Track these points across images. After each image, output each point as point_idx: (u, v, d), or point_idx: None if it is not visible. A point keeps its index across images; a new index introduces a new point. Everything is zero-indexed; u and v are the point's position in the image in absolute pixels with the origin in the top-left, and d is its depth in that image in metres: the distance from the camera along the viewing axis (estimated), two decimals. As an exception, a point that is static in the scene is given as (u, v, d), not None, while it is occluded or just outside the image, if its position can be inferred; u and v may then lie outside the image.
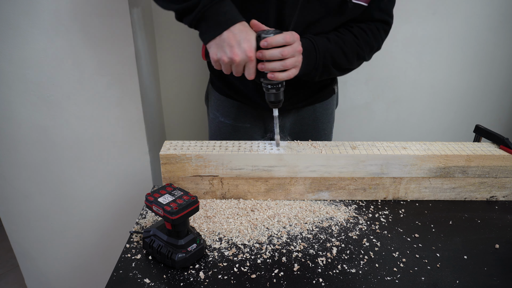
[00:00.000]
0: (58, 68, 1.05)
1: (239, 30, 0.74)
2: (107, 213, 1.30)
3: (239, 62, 0.74)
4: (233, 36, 0.73)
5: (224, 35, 0.73)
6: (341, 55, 0.89)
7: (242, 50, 0.73)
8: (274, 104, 0.83)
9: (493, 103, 1.61)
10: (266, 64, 0.76)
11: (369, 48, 0.93)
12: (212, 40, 0.75)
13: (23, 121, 1.11)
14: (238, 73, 0.78)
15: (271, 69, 0.77)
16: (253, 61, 0.76)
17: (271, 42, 0.75)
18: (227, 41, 0.73)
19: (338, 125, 1.60)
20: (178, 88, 1.46)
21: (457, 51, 1.49)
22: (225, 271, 0.68)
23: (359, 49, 0.90)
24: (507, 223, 0.84)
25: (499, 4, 1.41)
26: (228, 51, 0.74)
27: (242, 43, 0.73)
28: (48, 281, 1.43)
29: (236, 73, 0.78)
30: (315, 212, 0.86)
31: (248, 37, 0.74)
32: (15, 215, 1.27)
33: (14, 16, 0.98)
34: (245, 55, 0.74)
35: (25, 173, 1.20)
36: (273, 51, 0.75)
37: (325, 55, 0.86)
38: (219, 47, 0.75)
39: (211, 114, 1.10)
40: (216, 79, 1.05)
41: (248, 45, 0.74)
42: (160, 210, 0.67)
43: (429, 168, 0.88)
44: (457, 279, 0.68)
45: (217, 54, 0.75)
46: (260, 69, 0.77)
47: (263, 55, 0.75)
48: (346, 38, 0.89)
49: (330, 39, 0.88)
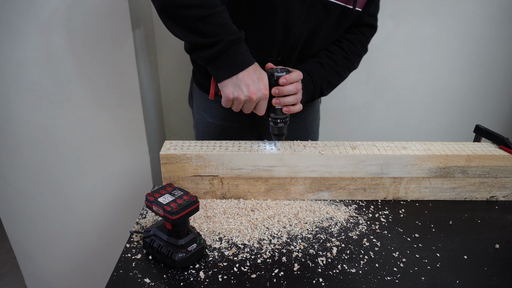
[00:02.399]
0: (58, 68, 1.05)
1: (253, 70, 0.78)
2: (107, 213, 1.30)
3: (256, 99, 0.78)
4: (249, 75, 0.77)
5: (240, 75, 0.76)
6: (335, 76, 0.94)
7: (259, 88, 0.77)
8: (278, 137, 0.87)
9: (493, 103, 1.61)
10: (282, 99, 0.81)
11: (358, 58, 0.98)
12: (228, 79, 0.77)
13: (23, 121, 1.11)
14: (249, 110, 0.81)
15: (287, 103, 0.82)
16: (267, 98, 0.80)
17: (289, 79, 0.80)
18: (244, 80, 0.76)
19: (338, 125, 1.61)
20: (178, 88, 1.46)
21: (457, 51, 1.49)
22: (225, 271, 0.68)
23: (349, 63, 0.96)
24: (507, 223, 0.84)
25: (499, 4, 1.41)
26: (245, 89, 0.76)
27: (258, 82, 0.77)
28: (48, 281, 1.43)
29: (247, 110, 0.82)
30: (315, 212, 0.86)
31: (263, 76, 0.79)
32: (15, 215, 1.27)
33: (14, 16, 0.98)
34: (262, 93, 0.78)
35: (25, 173, 1.20)
36: (289, 87, 0.81)
37: (321, 83, 0.92)
38: (236, 86, 0.77)
39: (198, 115, 1.10)
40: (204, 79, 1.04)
41: (264, 84, 0.78)
42: (160, 210, 0.67)
43: (429, 168, 0.88)
44: (457, 279, 0.68)
45: (234, 93, 0.77)
46: (275, 104, 0.82)
47: (280, 91, 0.80)
48: (337, 58, 0.94)
49: (324, 64, 0.92)
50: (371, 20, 0.97)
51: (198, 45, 0.76)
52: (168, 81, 1.45)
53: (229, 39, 0.75)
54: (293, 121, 1.08)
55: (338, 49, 0.94)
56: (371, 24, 0.97)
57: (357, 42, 0.96)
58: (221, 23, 0.75)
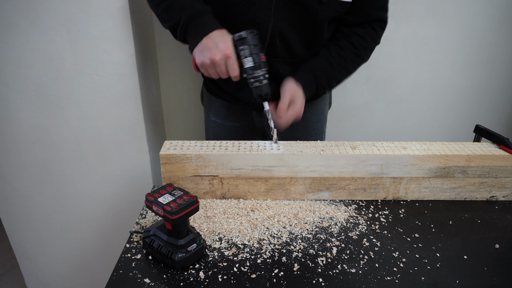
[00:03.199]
0: (58, 68, 1.05)
1: (216, 35, 0.81)
2: (107, 213, 1.30)
3: (219, 60, 0.80)
4: (211, 40, 0.80)
5: (203, 41, 0.80)
6: (344, 73, 0.97)
7: (219, 49, 0.79)
8: (262, 98, 0.86)
9: (493, 103, 1.61)
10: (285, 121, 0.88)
11: (369, 51, 0.98)
12: (195, 48, 0.82)
13: (23, 121, 1.11)
14: (223, 74, 0.83)
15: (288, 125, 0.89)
16: (231, 58, 0.80)
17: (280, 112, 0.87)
18: (206, 45, 0.80)
19: (338, 125, 1.60)
20: (178, 88, 1.46)
21: (457, 51, 1.49)
22: (225, 271, 0.68)
23: (360, 59, 0.97)
24: (507, 223, 0.84)
25: (499, 4, 1.41)
26: (207, 53, 0.80)
27: (219, 44, 0.80)
28: (48, 281, 1.43)
29: (222, 74, 0.83)
30: (315, 212, 0.86)
31: (224, 38, 0.81)
32: (15, 215, 1.27)
33: (14, 16, 0.98)
34: (223, 53, 0.79)
35: (25, 173, 1.20)
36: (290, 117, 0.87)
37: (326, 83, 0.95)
38: (200, 52, 0.81)
39: (205, 113, 1.15)
40: (206, 79, 1.09)
41: (224, 45, 0.80)
42: (160, 210, 0.67)
43: (429, 168, 0.88)
44: (457, 279, 0.68)
45: (200, 58, 0.81)
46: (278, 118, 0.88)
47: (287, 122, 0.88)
48: (347, 55, 0.95)
49: (333, 63, 0.94)
50: (380, 13, 0.95)
51: (171, 30, 0.87)
52: (168, 81, 1.44)
53: (187, 15, 0.82)
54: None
55: (348, 45, 0.95)
56: (380, 18, 0.96)
57: (367, 36, 0.95)
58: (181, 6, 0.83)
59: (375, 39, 0.97)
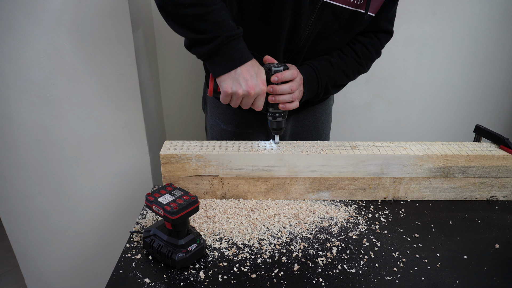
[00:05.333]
0: (58, 68, 1.05)
1: (251, 66, 0.78)
2: (107, 213, 1.30)
3: (254, 95, 0.78)
4: (247, 70, 0.77)
5: (239, 70, 0.77)
6: (343, 77, 0.95)
7: (257, 83, 0.78)
8: (277, 131, 0.88)
9: (493, 103, 1.61)
10: (277, 97, 0.82)
11: (370, 62, 0.99)
12: (225, 74, 0.77)
13: (23, 121, 1.11)
14: (247, 106, 0.81)
15: (282, 101, 0.82)
16: (265, 94, 0.80)
17: (281, 78, 0.81)
18: (242, 75, 0.77)
19: (338, 125, 1.60)
20: (178, 88, 1.46)
21: (457, 51, 1.49)
22: (225, 271, 0.68)
23: (360, 67, 0.96)
24: (507, 223, 0.84)
25: (499, 4, 1.41)
26: (244, 84, 0.77)
27: (256, 77, 0.78)
28: (48, 281, 1.43)
29: (245, 106, 0.81)
30: (315, 212, 0.86)
31: (260, 72, 0.79)
32: (15, 215, 1.27)
33: (15, 16, 0.98)
34: (260, 88, 0.78)
35: (25, 173, 1.20)
36: (284, 87, 0.81)
37: (327, 82, 0.92)
38: (235, 80, 0.77)
39: (212, 121, 1.10)
40: None
41: (261, 79, 0.79)
42: (160, 210, 0.67)
43: (429, 168, 0.88)
44: (457, 279, 0.68)
45: (232, 87, 0.77)
46: (271, 101, 0.82)
47: (274, 89, 0.81)
48: (348, 60, 0.94)
49: (333, 63, 0.93)
50: (387, 25, 0.96)
51: (196, 41, 0.78)
52: (168, 81, 1.45)
53: (226, 35, 0.75)
54: (305, 123, 1.09)
55: (351, 51, 0.95)
56: (387, 30, 0.97)
57: (371, 47, 0.96)
58: (219, 21, 0.75)
59: (378, 50, 0.98)
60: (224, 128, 1.07)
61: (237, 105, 0.82)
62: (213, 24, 0.75)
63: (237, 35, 0.77)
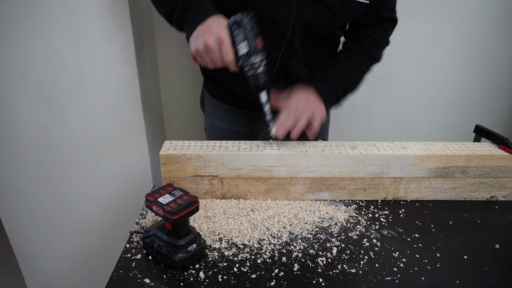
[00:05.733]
0: (58, 68, 1.05)
1: (211, 21, 0.77)
2: (107, 213, 1.30)
3: (212, 45, 0.75)
4: (205, 26, 0.77)
5: (198, 28, 0.77)
6: (356, 74, 0.96)
7: (212, 33, 0.75)
8: (257, 88, 0.80)
9: (493, 103, 1.61)
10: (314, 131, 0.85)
11: (380, 51, 0.99)
12: (190, 37, 0.78)
13: (23, 121, 1.11)
14: (217, 61, 0.77)
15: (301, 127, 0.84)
16: (225, 42, 0.75)
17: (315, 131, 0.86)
18: (200, 32, 0.76)
19: (338, 125, 1.60)
20: (178, 88, 1.46)
21: (457, 51, 1.49)
22: (225, 271, 0.68)
23: (371, 59, 0.97)
24: (507, 223, 0.84)
25: (499, 4, 1.41)
26: (201, 38, 0.76)
27: (212, 28, 0.76)
28: (48, 281, 1.43)
29: (216, 61, 0.77)
30: (315, 212, 0.86)
31: (218, 23, 0.77)
32: (15, 215, 1.27)
33: (14, 16, 0.98)
34: (215, 36, 0.75)
35: (25, 173, 1.20)
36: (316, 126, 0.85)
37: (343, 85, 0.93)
38: (195, 39, 0.77)
39: (208, 119, 1.11)
40: (210, 84, 1.06)
41: (218, 29, 0.75)
42: (160, 210, 0.67)
43: (429, 168, 0.88)
44: (457, 279, 0.68)
45: (194, 44, 0.77)
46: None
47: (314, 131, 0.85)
48: (358, 57, 0.95)
49: (344, 65, 0.93)
50: (390, 14, 0.97)
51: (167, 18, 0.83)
52: (168, 81, 1.44)
53: (183, 1, 0.78)
54: None
55: (358, 47, 0.95)
56: (391, 18, 0.98)
57: (378, 36, 0.96)
58: None
59: (386, 38, 0.98)
60: (218, 125, 1.08)
61: (211, 64, 0.78)
62: None
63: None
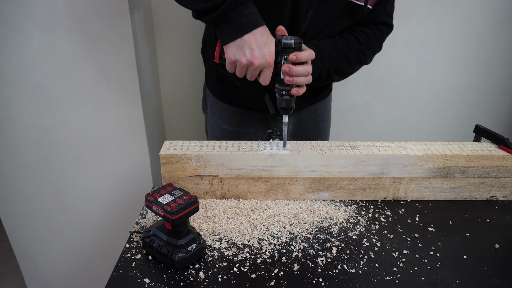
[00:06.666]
0: (58, 68, 1.05)
1: (260, 34, 0.73)
2: (107, 213, 1.30)
3: (257, 66, 0.73)
4: (254, 39, 0.72)
5: (245, 37, 0.72)
6: (345, 61, 0.91)
7: (262, 54, 0.73)
8: (285, 111, 0.82)
9: (493, 103, 1.61)
10: (295, 78, 0.77)
11: (371, 53, 0.96)
12: (232, 41, 0.74)
13: (23, 121, 1.11)
14: (252, 77, 0.77)
15: (299, 83, 0.78)
16: (271, 67, 0.75)
17: (299, 58, 0.75)
18: (248, 43, 0.72)
19: (338, 125, 1.60)
20: (178, 88, 1.46)
21: (457, 51, 1.49)
22: (225, 271, 0.68)
23: (362, 55, 0.93)
24: (507, 223, 0.84)
25: (499, 4, 1.41)
26: (248, 53, 0.72)
27: (263, 47, 0.73)
28: (48, 281, 1.43)
29: (251, 77, 0.77)
30: (315, 212, 0.86)
31: (269, 42, 0.74)
32: (15, 215, 1.27)
33: (14, 16, 0.98)
34: (265, 59, 0.73)
35: (25, 173, 1.20)
36: (300, 69, 0.76)
37: (330, 64, 0.87)
38: (239, 48, 0.73)
39: (213, 121, 1.09)
40: (217, 85, 1.03)
41: (268, 50, 0.73)
42: (160, 210, 0.67)
43: (429, 168, 0.88)
44: (457, 279, 0.68)
45: (236, 55, 0.74)
46: (288, 82, 0.77)
47: (290, 70, 0.76)
48: (350, 44, 0.91)
49: (336, 45, 0.89)
50: (387, 18, 0.96)
51: (203, 10, 0.74)
52: (168, 81, 1.44)
53: (232, 0, 0.71)
54: (306, 121, 1.08)
55: (353, 37, 0.93)
56: (387, 22, 0.96)
57: (373, 36, 0.94)
58: None
59: (380, 42, 0.97)
60: (225, 128, 1.06)
61: (242, 75, 0.77)
62: None
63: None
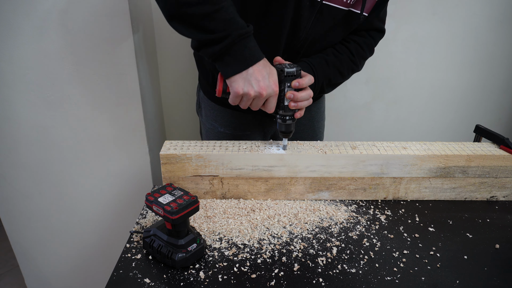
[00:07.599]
0: (58, 68, 1.05)
1: (263, 66, 0.76)
2: (107, 213, 1.30)
3: (265, 96, 0.76)
4: (259, 71, 0.74)
5: (250, 70, 0.74)
6: (338, 75, 0.93)
7: (269, 84, 0.75)
8: (286, 134, 0.85)
9: (493, 103, 1.61)
10: (299, 103, 0.80)
11: (363, 61, 0.98)
12: (237, 74, 0.75)
13: (23, 121, 1.11)
14: (257, 107, 0.79)
15: (302, 107, 0.82)
16: (277, 95, 0.78)
17: (302, 84, 0.79)
18: (254, 75, 0.74)
19: (338, 125, 1.61)
20: (178, 88, 1.46)
21: (457, 51, 1.49)
22: (225, 271, 0.68)
23: (354, 66, 0.95)
24: (507, 223, 0.84)
25: (499, 4, 1.41)
26: (256, 85, 0.74)
27: (268, 77, 0.75)
28: (48, 281, 1.43)
29: (255, 107, 0.79)
30: (315, 212, 0.86)
31: (273, 72, 0.77)
32: (15, 215, 1.27)
33: (14, 16, 0.98)
34: (272, 89, 0.76)
35: (25, 173, 1.20)
36: (303, 94, 0.80)
37: (323, 80, 0.91)
38: (246, 81, 0.74)
39: (208, 124, 1.09)
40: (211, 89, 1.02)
41: (273, 80, 0.76)
42: (160, 210, 0.67)
43: (429, 168, 0.88)
44: (457, 279, 0.68)
45: (244, 88, 0.75)
46: (292, 107, 0.80)
47: (295, 96, 0.79)
48: (343, 58, 0.93)
49: (329, 61, 0.91)
50: (380, 24, 0.97)
51: (206, 42, 0.74)
52: (168, 81, 1.44)
53: (237, 34, 0.72)
54: (301, 123, 1.09)
55: (345, 49, 0.94)
56: (380, 28, 0.97)
57: (365, 45, 0.95)
58: (227, 19, 0.72)
59: (372, 48, 0.98)
60: (221, 131, 1.06)
61: (246, 106, 0.79)
62: (222, 22, 0.72)
63: (247, 33, 0.73)
